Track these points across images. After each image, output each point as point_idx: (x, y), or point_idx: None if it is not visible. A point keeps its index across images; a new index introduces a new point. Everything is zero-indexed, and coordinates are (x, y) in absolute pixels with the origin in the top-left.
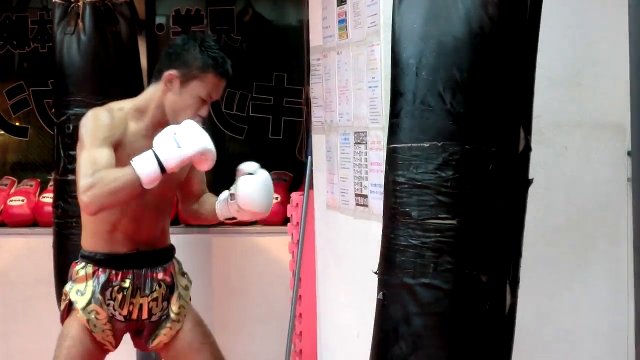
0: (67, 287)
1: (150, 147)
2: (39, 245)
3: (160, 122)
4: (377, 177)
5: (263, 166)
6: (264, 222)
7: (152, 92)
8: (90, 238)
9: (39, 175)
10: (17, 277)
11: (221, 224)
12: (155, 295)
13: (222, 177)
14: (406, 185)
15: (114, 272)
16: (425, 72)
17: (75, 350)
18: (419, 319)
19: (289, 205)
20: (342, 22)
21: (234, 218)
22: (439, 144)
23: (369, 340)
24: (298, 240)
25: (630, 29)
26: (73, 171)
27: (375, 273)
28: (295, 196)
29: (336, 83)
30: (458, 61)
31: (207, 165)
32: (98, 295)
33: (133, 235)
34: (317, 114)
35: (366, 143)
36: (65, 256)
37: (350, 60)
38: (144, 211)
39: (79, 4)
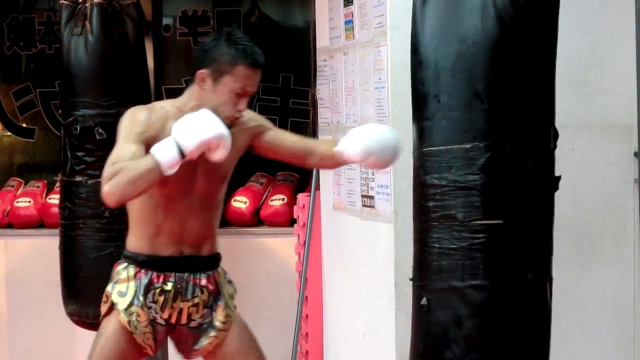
0: (109, 288)
1: None
2: (46, 247)
3: None
4: (383, 179)
5: (269, 167)
6: (271, 223)
7: (190, 93)
8: (136, 239)
9: (46, 176)
10: (24, 278)
11: (226, 225)
12: (196, 300)
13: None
14: (448, 188)
15: (155, 274)
16: (461, 73)
17: (108, 349)
18: (471, 321)
19: (295, 207)
20: (349, 23)
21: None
22: (481, 145)
23: (375, 341)
24: (304, 242)
25: (636, 30)
26: (80, 172)
27: (411, 280)
28: (301, 197)
29: (343, 84)
30: (493, 60)
31: (222, 152)
32: (140, 297)
33: (178, 237)
34: (324, 115)
35: None
36: (71, 258)
37: (357, 61)
38: (189, 213)
39: (86, 5)
